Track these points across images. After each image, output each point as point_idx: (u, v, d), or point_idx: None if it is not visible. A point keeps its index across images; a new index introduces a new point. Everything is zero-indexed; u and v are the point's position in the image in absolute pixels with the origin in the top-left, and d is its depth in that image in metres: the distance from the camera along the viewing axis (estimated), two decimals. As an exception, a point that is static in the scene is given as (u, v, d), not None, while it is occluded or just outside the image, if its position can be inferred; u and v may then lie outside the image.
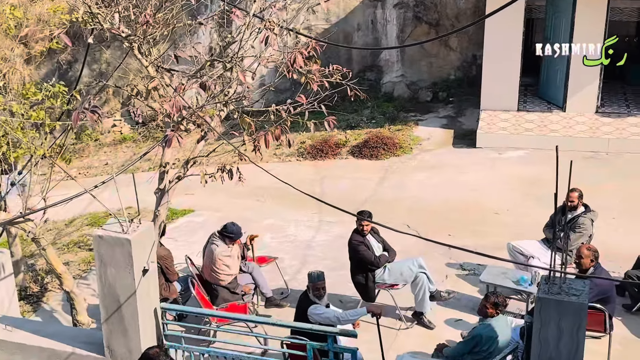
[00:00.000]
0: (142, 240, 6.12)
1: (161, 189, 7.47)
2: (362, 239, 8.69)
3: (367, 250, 8.64)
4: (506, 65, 14.45)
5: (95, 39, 7.18)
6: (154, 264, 6.26)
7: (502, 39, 14.27)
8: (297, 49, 6.66)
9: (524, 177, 12.62)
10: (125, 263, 6.05)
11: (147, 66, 7.19)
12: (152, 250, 6.19)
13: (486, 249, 9.74)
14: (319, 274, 7.60)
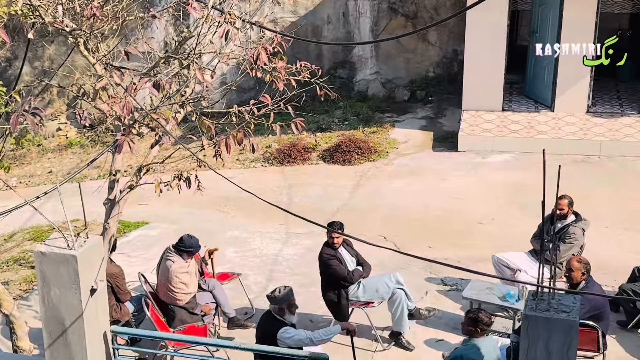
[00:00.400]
0: (90, 257, 6.06)
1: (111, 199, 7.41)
2: (334, 252, 8.70)
3: (339, 265, 8.65)
4: (490, 61, 14.59)
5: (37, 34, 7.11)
6: (103, 283, 6.20)
7: (485, 32, 14.41)
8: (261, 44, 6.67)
9: (509, 183, 12.73)
10: (71, 282, 5.97)
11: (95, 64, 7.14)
12: (100, 268, 6.13)
13: (469, 262, 9.83)
14: (289, 289, 7.62)
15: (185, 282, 8.58)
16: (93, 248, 6.11)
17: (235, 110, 6.85)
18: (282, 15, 16.95)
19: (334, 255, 8.69)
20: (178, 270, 8.55)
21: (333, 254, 8.69)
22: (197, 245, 8.72)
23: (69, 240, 6.00)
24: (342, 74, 17.32)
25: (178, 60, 6.88)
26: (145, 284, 8.90)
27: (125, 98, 6.02)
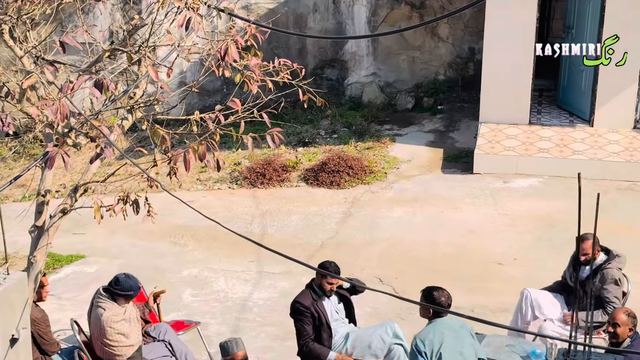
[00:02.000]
0: (11, 298, 6.04)
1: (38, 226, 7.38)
2: (311, 302, 8.62)
3: (305, 325, 8.57)
4: (514, 63, 14.69)
5: (-50, 18, 7.12)
6: (26, 331, 6.18)
7: (510, 27, 14.51)
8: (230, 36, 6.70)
9: (536, 215, 12.79)
10: (-14, 329, 5.95)
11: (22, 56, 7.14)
12: (24, 312, 6.11)
13: (486, 312, 9.86)
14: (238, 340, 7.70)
15: (124, 332, 8.54)
16: (15, 287, 6.09)
17: (196, 118, 6.86)
18: (257, 1, 17.06)
19: (308, 308, 8.60)
20: (112, 319, 8.52)
21: (308, 305, 8.62)
22: (137, 286, 8.69)
23: (-15, 277, 5.98)
24: (331, 75, 17.42)
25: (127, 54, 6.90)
26: (79, 333, 8.87)
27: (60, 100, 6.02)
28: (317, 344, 8.61)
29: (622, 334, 7.83)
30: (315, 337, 8.65)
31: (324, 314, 8.65)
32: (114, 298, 8.64)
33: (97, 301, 8.68)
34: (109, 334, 8.51)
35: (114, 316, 8.54)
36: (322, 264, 8.71)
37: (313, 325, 8.62)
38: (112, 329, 8.51)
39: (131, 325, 8.62)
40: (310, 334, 8.60)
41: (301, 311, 8.58)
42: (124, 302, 8.63)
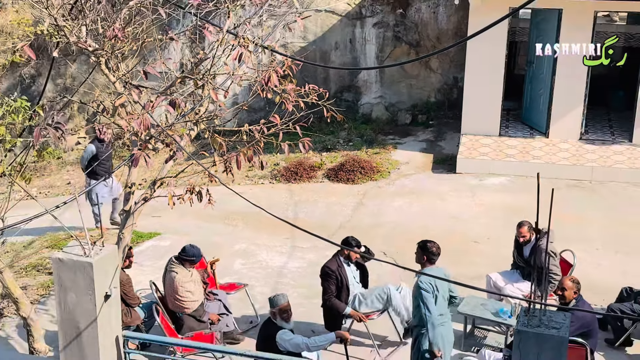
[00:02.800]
0: (105, 265, 6.07)
1: (126, 210, 7.42)
2: (337, 267, 8.64)
3: (331, 284, 8.60)
4: (488, 88, 14.63)
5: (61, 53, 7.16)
6: (117, 290, 6.21)
7: (485, 61, 14.47)
8: (272, 67, 6.70)
9: (505, 205, 12.73)
10: (87, 288, 5.99)
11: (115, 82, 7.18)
12: (115, 275, 6.14)
13: (465, 279, 9.80)
14: (283, 294, 7.67)
15: (191, 290, 8.57)
16: (108, 256, 6.13)
17: (246, 129, 6.87)
18: (292, 41, 17.04)
19: (334, 272, 8.63)
20: (182, 280, 8.55)
21: (334, 269, 8.64)
22: (199, 254, 8.71)
23: (86, 249, 6.02)
24: (348, 97, 17.38)
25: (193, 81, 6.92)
26: (156, 292, 8.90)
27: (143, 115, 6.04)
28: (337, 300, 8.62)
29: (569, 296, 7.80)
30: (337, 295, 8.66)
31: (345, 277, 8.67)
32: (182, 263, 8.66)
33: (170, 267, 8.71)
34: (179, 291, 8.54)
35: (183, 277, 8.56)
36: (346, 238, 8.73)
37: (336, 286, 8.63)
38: (182, 287, 8.53)
39: (196, 285, 8.65)
40: (333, 292, 8.62)
41: (329, 274, 8.63)
42: (189, 266, 8.65)
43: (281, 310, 7.58)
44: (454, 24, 16.60)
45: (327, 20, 16.92)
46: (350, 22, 16.92)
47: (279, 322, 7.55)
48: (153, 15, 7.36)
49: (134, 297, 8.69)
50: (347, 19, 16.89)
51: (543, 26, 14.74)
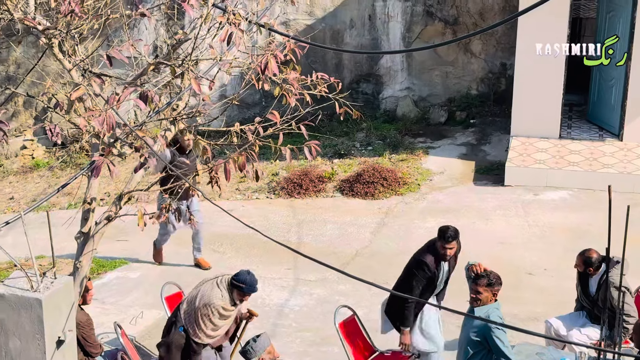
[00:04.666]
0: (58, 301, 6.08)
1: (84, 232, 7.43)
2: (435, 266, 8.75)
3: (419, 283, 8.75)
4: (545, 79, 14.62)
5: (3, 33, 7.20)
6: (72, 333, 6.21)
7: (541, 43, 14.44)
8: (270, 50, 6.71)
9: (567, 227, 12.70)
10: (34, 331, 5.99)
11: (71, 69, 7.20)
12: (70, 315, 6.15)
13: (516, 321, 9.79)
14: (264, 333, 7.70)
15: (218, 324, 8.50)
16: (61, 291, 6.13)
17: (237, 129, 6.87)
18: (296, 17, 17.10)
19: (430, 271, 8.74)
20: (220, 308, 8.47)
21: (433, 268, 8.74)
22: (253, 285, 8.55)
23: (33, 281, 6.02)
24: (366, 89, 17.41)
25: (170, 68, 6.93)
26: (123, 336, 8.90)
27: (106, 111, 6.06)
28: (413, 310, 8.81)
29: None
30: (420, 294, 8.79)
31: (438, 278, 8.83)
32: (231, 291, 8.55)
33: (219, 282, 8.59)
34: (205, 313, 8.47)
35: (224, 307, 8.49)
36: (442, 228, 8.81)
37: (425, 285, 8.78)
38: (212, 314, 8.47)
39: (226, 324, 8.56)
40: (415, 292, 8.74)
41: (423, 270, 8.75)
42: (237, 297, 8.50)
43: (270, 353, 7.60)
44: (501, -5, 16.65)
45: (340, -8, 17.00)
46: (369, -6, 17.00)
47: None
48: (119, -15, 7.41)
49: (95, 343, 8.69)
50: (365, -10, 16.97)
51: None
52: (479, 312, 7.60)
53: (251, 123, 6.86)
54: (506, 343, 7.46)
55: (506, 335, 7.46)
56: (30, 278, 6.03)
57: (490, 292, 7.62)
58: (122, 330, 8.96)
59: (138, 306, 10.96)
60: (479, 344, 7.58)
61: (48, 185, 16.08)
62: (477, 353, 7.60)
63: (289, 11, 16.87)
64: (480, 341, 7.56)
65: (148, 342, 10.06)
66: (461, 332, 7.83)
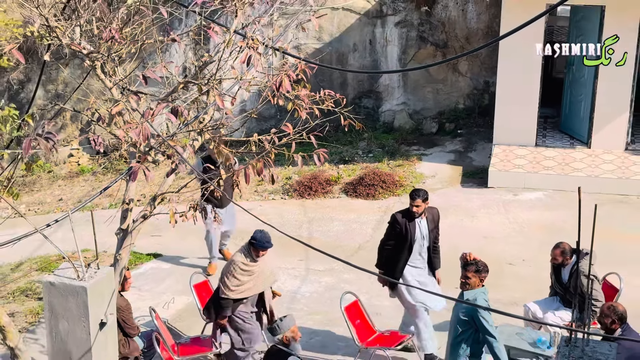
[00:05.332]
0: (100, 289, 6.10)
1: (123, 229, 7.44)
2: (403, 220, 8.96)
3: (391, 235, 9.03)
4: (523, 94, 14.60)
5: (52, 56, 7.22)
6: (113, 316, 6.23)
7: (519, 64, 14.43)
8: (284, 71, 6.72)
9: (542, 223, 12.67)
10: (80, 315, 6.02)
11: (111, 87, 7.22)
12: (111, 301, 6.17)
13: (499, 305, 9.76)
14: (290, 316, 7.68)
15: (241, 280, 8.50)
16: (104, 280, 6.16)
17: (255, 139, 6.88)
18: (306, 42, 17.09)
19: (398, 224, 8.96)
20: (240, 263, 8.53)
21: (401, 223, 8.96)
22: (266, 241, 8.61)
23: (79, 271, 6.04)
24: (368, 104, 17.40)
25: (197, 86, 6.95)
26: (157, 319, 8.91)
27: (142, 124, 6.07)
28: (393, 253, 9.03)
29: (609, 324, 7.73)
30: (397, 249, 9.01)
31: (410, 231, 8.98)
32: (248, 249, 8.64)
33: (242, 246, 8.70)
34: (228, 271, 8.57)
35: (242, 263, 8.55)
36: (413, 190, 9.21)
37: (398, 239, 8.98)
38: (234, 270, 8.52)
39: (252, 278, 8.56)
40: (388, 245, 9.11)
41: (392, 223, 9.10)
42: (254, 252, 8.55)
43: (294, 332, 7.58)
44: (484, 22, 16.60)
45: (345, 19, 16.97)
46: (370, 21, 16.96)
47: (292, 347, 7.52)
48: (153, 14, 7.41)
49: (133, 325, 8.70)
50: (366, 18, 16.93)
51: (584, 25, 14.71)
52: (467, 295, 7.61)
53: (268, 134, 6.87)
54: (490, 322, 7.46)
55: (491, 316, 7.46)
56: (76, 269, 6.06)
57: (478, 277, 7.63)
58: (156, 313, 8.97)
59: (170, 293, 10.99)
60: (466, 323, 7.57)
61: (92, 188, 16.11)
62: (466, 331, 7.61)
63: (300, 37, 16.87)
64: (468, 321, 7.56)
65: (179, 324, 10.09)
66: (452, 313, 7.82)
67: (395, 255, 8.98)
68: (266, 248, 8.59)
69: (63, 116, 17.62)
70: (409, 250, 8.97)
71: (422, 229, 9.03)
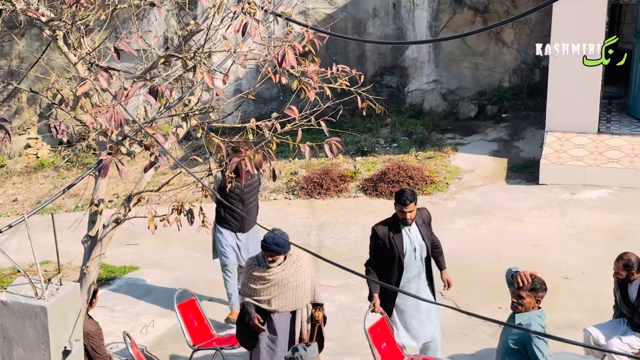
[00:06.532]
0: (64, 309, 6.11)
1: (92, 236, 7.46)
2: (385, 231, 8.92)
3: (373, 250, 9.00)
4: (583, 70, 14.56)
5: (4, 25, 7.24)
6: (79, 343, 6.24)
7: (577, 32, 14.39)
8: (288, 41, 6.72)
9: (606, 228, 12.65)
10: (39, 341, 6.03)
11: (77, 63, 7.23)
12: (77, 323, 6.18)
13: (552, 329, 9.75)
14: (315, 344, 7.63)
15: (252, 287, 8.50)
16: (68, 298, 6.16)
17: (252, 126, 6.89)
18: (315, 6, 17.11)
19: (380, 239, 8.92)
20: (249, 267, 8.59)
21: (382, 237, 8.91)
22: (268, 242, 8.42)
23: (38, 288, 6.05)
24: (391, 82, 17.41)
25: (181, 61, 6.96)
26: (132, 346, 8.93)
27: (114, 107, 6.08)
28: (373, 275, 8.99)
29: None
30: (384, 267, 8.94)
31: (396, 243, 8.93)
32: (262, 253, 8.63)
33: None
34: (244, 278, 8.65)
35: (250, 267, 8.57)
36: (398, 191, 9.05)
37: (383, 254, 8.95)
38: (247, 275, 8.59)
39: (265, 288, 8.54)
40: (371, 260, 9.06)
41: (374, 236, 9.05)
42: (266, 257, 8.51)
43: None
44: (534, -19, 16.60)
45: (362, -22, 17.01)
46: (393, -19, 17.00)
47: None
48: (127, -27, 7.43)
49: (105, 354, 8.72)
50: (389, -24, 16.97)
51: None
52: (519, 318, 7.55)
53: (268, 119, 6.87)
54: (546, 354, 7.42)
55: (547, 347, 7.41)
56: (34, 285, 6.07)
57: (533, 298, 7.56)
58: (131, 340, 8.98)
59: (149, 314, 11.01)
60: (517, 352, 7.53)
61: (53, 186, 16.17)
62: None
63: (307, 0, 16.88)
64: (518, 350, 7.51)
65: (160, 352, 10.11)
66: (499, 340, 7.80)
67: (384, 277, 8.95)
68: (274, 252, 8.47)
69: (18, 98, 17.68)
70: (399, 268, 8.94)
71: (413, 239, 8.97)
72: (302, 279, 8.59)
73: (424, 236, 9.04)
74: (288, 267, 8.52)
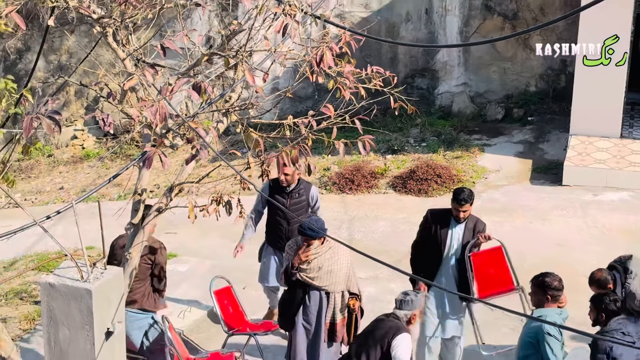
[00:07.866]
0: (107, 292, 6.14)
1: (135, 223, 7.50)
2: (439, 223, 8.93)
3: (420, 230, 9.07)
4: (607, 76, 14.47)
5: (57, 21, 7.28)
6: (121, 325, 6.28)
7: (603, 39, 14.30)
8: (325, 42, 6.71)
9: (627, 228, 12.56)
10: (84, 322, 6.06)
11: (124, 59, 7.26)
12: (119, 306, 6.21)
13: (573, 324, 9.70)
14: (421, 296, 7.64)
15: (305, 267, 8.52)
16: (111, 282, 6.19)
17: (290, 122, 6.88)
18: (351, 10, 17.10)
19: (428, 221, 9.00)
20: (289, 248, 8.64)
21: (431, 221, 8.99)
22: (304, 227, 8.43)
23: (83, 271, 6.09)
24: (422, 84, 17.36)
25: (224, 59, 6.97)
26: (170, 330, 8.95)
27: (159, 102, 6.10)
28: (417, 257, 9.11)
29: None
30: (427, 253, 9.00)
31: (442, 237, 8.92)
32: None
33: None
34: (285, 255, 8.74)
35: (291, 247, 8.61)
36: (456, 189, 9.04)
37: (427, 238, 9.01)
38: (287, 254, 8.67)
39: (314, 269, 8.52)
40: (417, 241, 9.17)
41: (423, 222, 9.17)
42: (304, 241, 8.52)
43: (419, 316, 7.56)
44: (563, -11, 16.49)
45: (397, -16, 16.97)
46: (426, -13, 16.95)
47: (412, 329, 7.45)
48: (174, -26, 7.45)
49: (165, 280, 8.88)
50: (422, -18, 16.92)
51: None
52: (537, 314, 7.56)
53: (304, 116, 6.87)
54: (556, 352, 7.38)
55: (559, 346, 7.38)
56: (80, 268, 6.10)
57: (543, 294, 7.56)
58: (169, 324, 9.00)
59: (186, 300, 11.05)
60: (531, 346, 7.52)
61: (98, 175, 16.25)
62: (529, 356, 7.55)
63: (344, 3, 16.88)
64: (533, 343, 7.50)
65: (196, 337, 10.15)
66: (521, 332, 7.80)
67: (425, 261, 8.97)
68: (308, 236, 8.44)
69: (66, 91, 17.80)
70: (438, 257, 8.92)
71: (455, 238, 8.95)
72: (337, 265, 8.58)
73: (464, 239, 8.97)
74: (324, 251, 8.54)
